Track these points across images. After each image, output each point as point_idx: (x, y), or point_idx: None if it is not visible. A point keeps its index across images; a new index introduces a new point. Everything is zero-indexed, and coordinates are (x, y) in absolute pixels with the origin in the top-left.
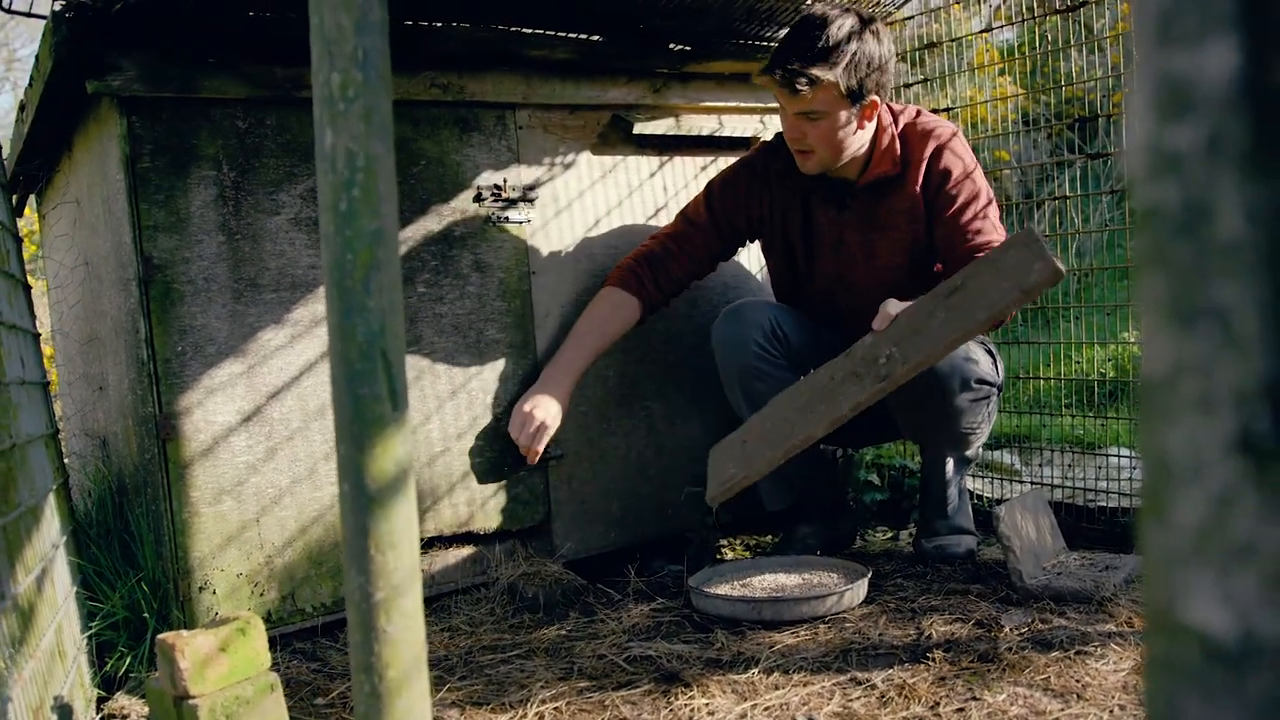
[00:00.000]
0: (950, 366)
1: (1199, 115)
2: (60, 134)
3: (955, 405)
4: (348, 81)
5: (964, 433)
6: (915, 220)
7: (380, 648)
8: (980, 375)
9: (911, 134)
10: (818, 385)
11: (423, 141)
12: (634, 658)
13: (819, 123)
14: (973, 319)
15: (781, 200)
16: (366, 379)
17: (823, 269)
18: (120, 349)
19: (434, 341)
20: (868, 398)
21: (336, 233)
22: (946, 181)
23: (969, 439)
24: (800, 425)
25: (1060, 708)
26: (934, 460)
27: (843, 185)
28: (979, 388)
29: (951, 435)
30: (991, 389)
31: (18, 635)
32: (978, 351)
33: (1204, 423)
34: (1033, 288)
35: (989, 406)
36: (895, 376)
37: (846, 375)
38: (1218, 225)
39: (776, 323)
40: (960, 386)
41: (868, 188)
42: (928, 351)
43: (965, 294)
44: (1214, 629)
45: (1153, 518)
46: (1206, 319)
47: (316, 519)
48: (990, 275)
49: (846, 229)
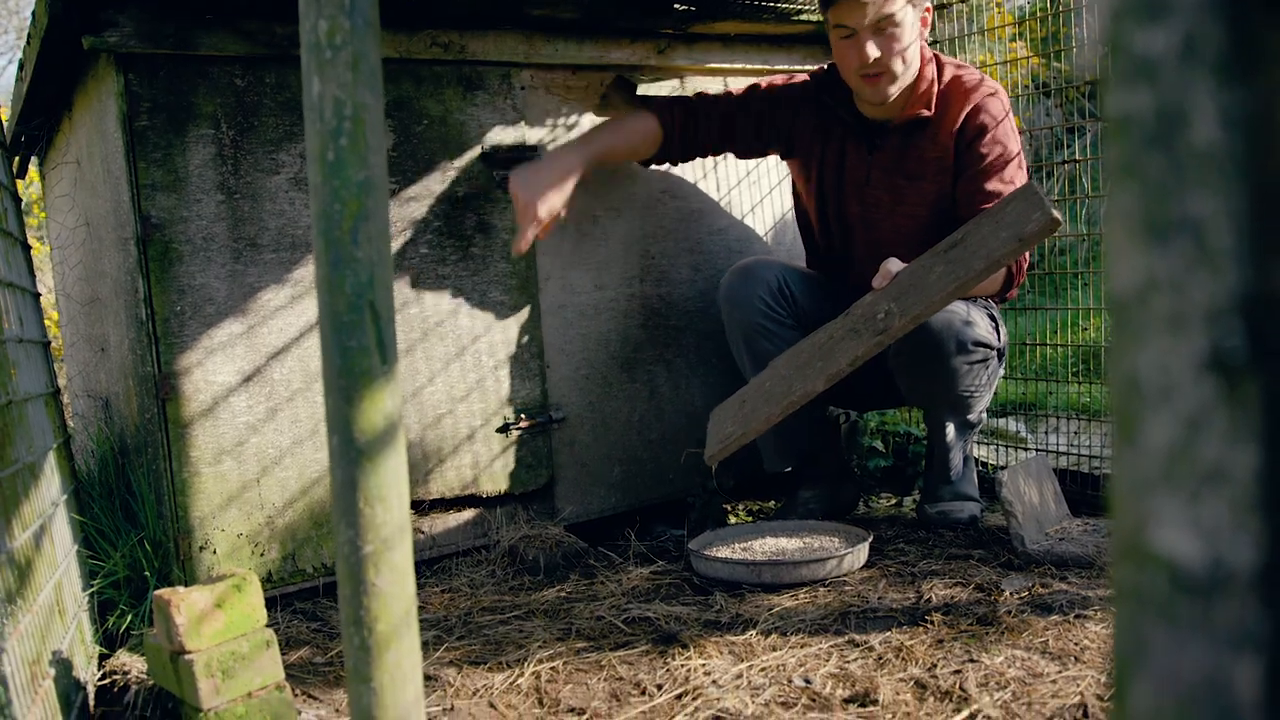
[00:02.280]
0: (945, 328)
1: (1175, 17)
2: (60, 93)
3: (951, 367)
4: (335, 29)
5: (962, 395)
6: (944, 172)
7: (369, 601)
8: (977, 338)
9: (955, 86)
10: (817, 344)
11: (425, 100)
12: (632, 619)
13: (891, 32)
14: (969, 268)
15: (822, 128)
16: (354, 331)
17: (849, 209)
18: (120, 309)
19: (436, 303)
20: (865, 351)
21: (324, 183)
22: (979, 139)
23: (968, 402)
24: (798, 382)
25: (1058, 670)
26: (937, 425)
27: (877, 127)
28: (976, 349)
29: (950, 398)
30: (990, 352)
31: (14, 589)
32: (976, 314)
33: (1175, 342)
34: (1030, 236)
35: (989, 370)
36: (893, 330)
37: (846, 332)
38: (1193, 133)
39: (784, 281)
40: (956, 348)
41: (900, 129)
42: (925, 303)
43: (964, 247)
44: (1182, 557)
45: (1122, 442)
46: (1179, 233)
47: (318, 480)
48: (990, 227)
49: (875, 169)
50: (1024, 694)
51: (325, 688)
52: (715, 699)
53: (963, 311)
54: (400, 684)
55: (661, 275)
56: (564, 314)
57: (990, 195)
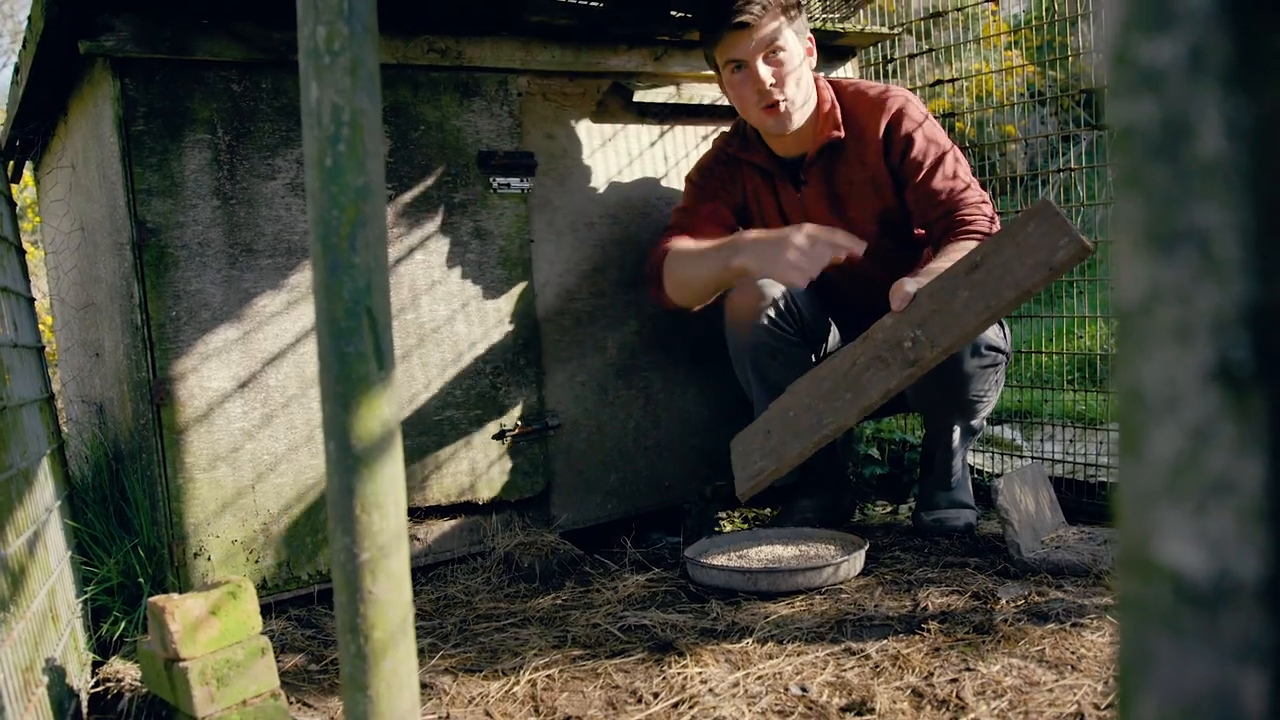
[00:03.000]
0: None
1: (1181, 28)
2: (56, 98)
3: (965, 371)
4: (333, 34)
5: (972, 400)
6: (880, 188)
7: (366, 609)
8: (990, 342)
9: (858, 100)
10: (840, 371)
11: (422, 106)
12: (628, 627)
13: (780, 57)
14: (1001, 298)
15: (752, 183)
16: (352, 337)
17: None
18: (115, 314)
19: (433, 309)
20: (898, 384)
21: (322, 189)
22: (910, 147)
23: (976, 407)
24: (829, 415)
25: (1055, 679)
26: (939, 430)
27: (795, 164)
28: (988, 354)
29: (960, 403)
30: (1001, 356)
31: (6, 596)
32: None
33: (1180, 352)
34: (1060, 266)
35: (997, 374)
36: (925, 361)
37: (871, 360)
38: (1198, 144)
39: (790, 298)
40: (970, 352)
41: (819, 158)
42: (957, 334)
43: (988, 271)
44: (1188, 568)
45: (1127, 453)
46: (1185, 243)
47: (313, 486)
48: (1012, 250)
49: (808, 204)
50: (1021, 703)
51: (320, 695)
52: (712, 707)
53: None
54: (397, 692)
55: None
56: (560, 320)
57: (939, 192)
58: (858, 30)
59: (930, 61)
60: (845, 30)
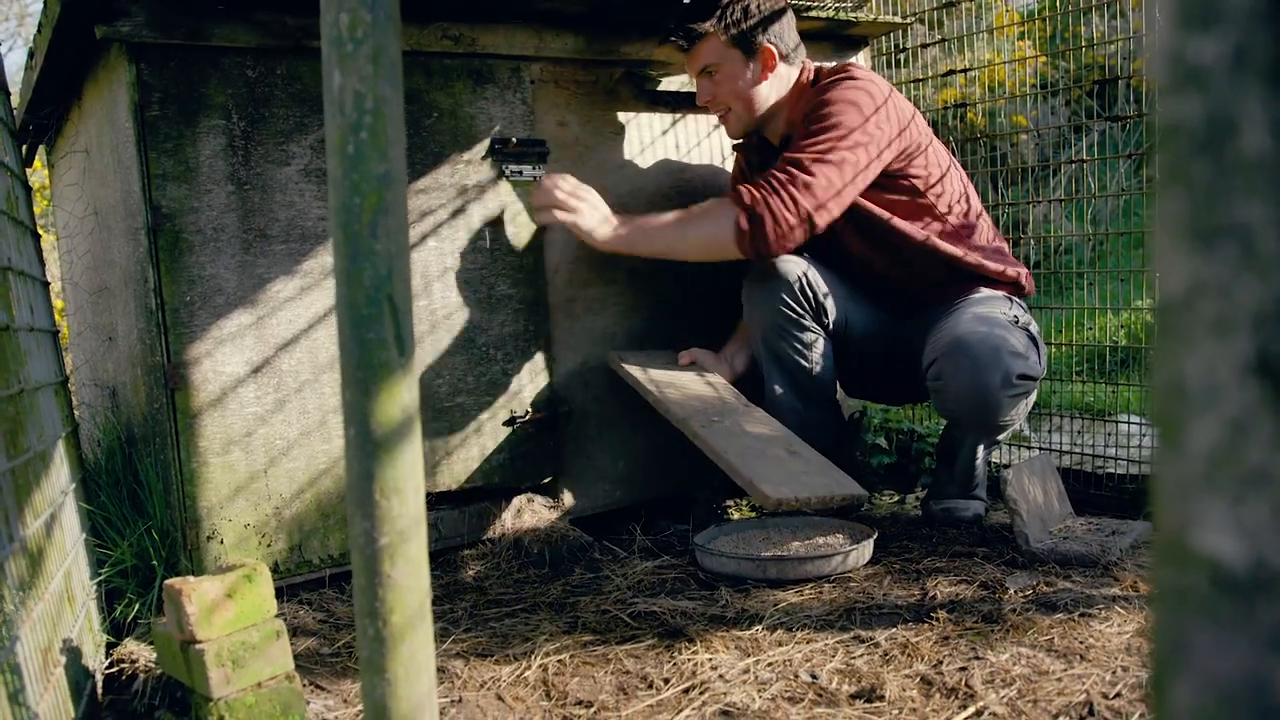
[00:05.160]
0: (993, 361)
1: (1226, 26)
2: (70, 83)
3: (995, 401)
4: (356, 21)
5: (999, 424)
6: None
7: (385, 593)
8: (1024, 371)
9: (820, 84)
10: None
11: (436, 93)
12: (638, 613)
13: (719, 78)
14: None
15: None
16: (373, 324)
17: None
18: (129, 298)
19: (445, 295)
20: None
21: (344, 176)
22: (810, 115)
23: (1002, 428)
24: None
25: (1063, 668)
26: (964, 440)
27: (772, 150)
28: (1019, 384)
29: (986, 426)
30: (1031, 384)
31: (26, 578)
32: (1023, 342)
33: (1220, 346)
34: None
35: (1027, 399)
36: None
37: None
38: (1242, 141)
39: (807, 280)
40: (1001, 382)
41: (783, 145)
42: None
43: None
44: (1225, 557)
45: (1166, 445)
46: (1226, 239)
47: (325, 471)
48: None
49: None
50: (1030, 691)
51: (332, 678)
52: (722, 693)
53: (1008, 338)
54: (415, 675)
55: (666, 268)
56: (571, 307)
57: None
58: (870, 20)
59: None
60: (858, 20)
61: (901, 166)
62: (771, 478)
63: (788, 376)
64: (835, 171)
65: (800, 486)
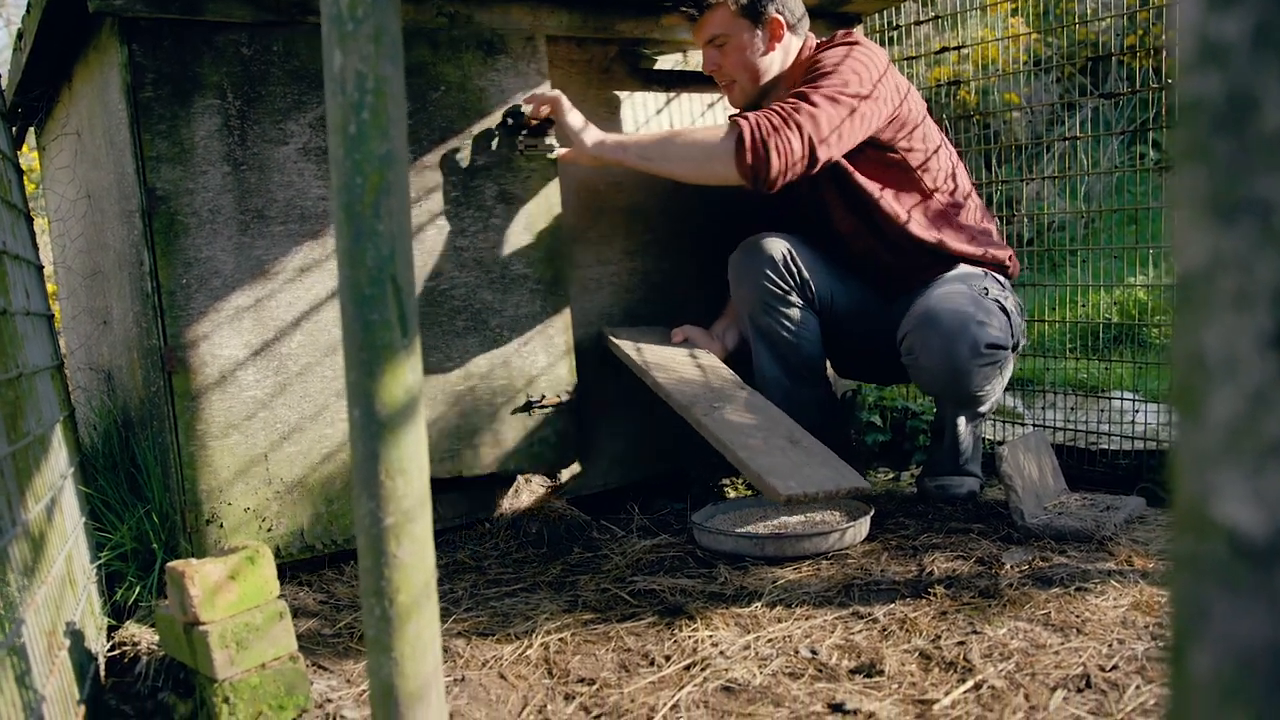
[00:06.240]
0: (959, 331)
1: (1247, 4)
2: (60, 65)
3: (964, 369)
4: (357, 1)
5: (974, 395)
6: None
7: (391, 573)
8: (991, 339)
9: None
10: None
11: (443, 65)
12: (638, 591)
13: (726, 49)
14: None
15: None
16: (376, 305)
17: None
18: (124, 282)
19: (454, 276)
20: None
21: (345, 156)
22: (811, 69)
23: (979, 399)
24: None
25: (1060, 641)
26: (947, 415)
27: None
28: (988, 352)
29: (960, 397)
30: (1002, 353)
31: (29, 561)
32: (992, 312)
33: (1240, 319)
34: None
35: (1000, 368)
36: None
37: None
38: (1263, 117)
39: (790, 256)
40: (969, 352)
41: None
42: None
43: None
44: (1244, 526)
45: (1185, 416)
46: (1246, 214)
47: (326, 456)
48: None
49: None
50: (1027, 665)
51: (335, 658)
52: (723, 669)
53: (975, 310)
54: (421, 654)
55: (663, 249)
56: (569, 289)
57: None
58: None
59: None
60: None
61: (892, 138)
62: (779, 471)
63: (775, 352)
64: (839, 110)
65: (808, 481)
